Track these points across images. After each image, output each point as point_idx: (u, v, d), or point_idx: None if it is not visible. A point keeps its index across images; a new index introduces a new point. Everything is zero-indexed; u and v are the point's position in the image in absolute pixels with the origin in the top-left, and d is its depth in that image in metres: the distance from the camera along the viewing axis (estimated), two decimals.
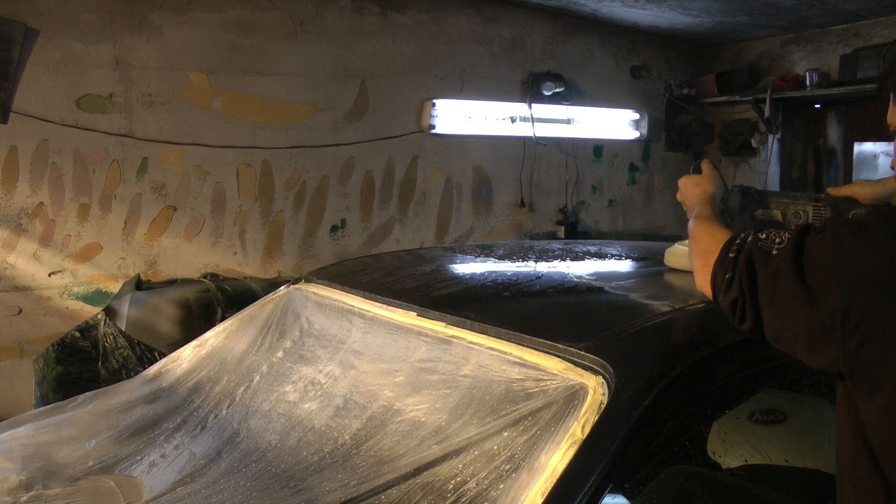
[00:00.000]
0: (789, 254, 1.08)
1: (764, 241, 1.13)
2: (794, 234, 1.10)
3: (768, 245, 1.12)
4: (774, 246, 1.11)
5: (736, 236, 1.20)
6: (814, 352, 1.05)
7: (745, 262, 1.13)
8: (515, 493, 1.14)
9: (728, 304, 1.15)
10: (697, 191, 1.50)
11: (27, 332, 3.71)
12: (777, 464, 1.62)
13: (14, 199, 3.63)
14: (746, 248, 1.14)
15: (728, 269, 1.15)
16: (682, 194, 1.57)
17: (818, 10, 4.63)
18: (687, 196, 1.55)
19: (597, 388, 1.22)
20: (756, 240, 1.15)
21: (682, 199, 1.58)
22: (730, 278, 1.14)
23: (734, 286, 1.14)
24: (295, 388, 1.75)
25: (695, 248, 1.31)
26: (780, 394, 1.65)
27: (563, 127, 5.11)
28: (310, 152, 4.31)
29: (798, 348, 1.07)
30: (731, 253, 1.16)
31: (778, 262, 1.09)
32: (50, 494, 1.56)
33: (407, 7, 4.54)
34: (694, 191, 1.52)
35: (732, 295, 1.14)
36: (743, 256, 1.14)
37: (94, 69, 3.72)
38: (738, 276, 1.13)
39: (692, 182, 1.54)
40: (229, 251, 4.16)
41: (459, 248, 2.54)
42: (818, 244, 1.06)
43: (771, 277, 1.09)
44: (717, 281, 1.18)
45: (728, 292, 1.15)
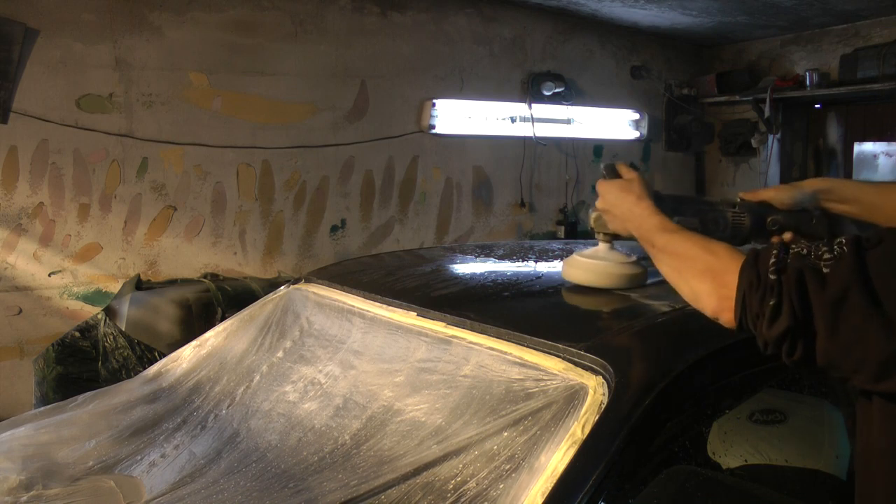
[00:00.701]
0: (853, 272, 0.94)
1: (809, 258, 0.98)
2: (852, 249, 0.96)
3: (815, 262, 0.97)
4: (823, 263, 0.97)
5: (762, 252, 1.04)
6: (883, 379, 0.94)
7: (795, 285, 0.97)
8: (515, 493, 1.14)
9: (776, 335, 0.98)
10: (630, 198, 1.32)
11: (27, 332, 3.71)
12: (777, 464, 1.62)
13: (14, 199, 3.63)
14: (793, 268, 0.98)
15: (770, 295, 0.98)
16: (607, 202, 1.38)
17: (818, 10, 4.63)
18: (614, 204, 1.37)
19: (597, 388, 1.22)
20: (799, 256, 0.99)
21: (605, 207, 1.39)
22: (775, 305, 0.98)
23: (784, 314, 0.97)
24: (295, 388, 1.75)
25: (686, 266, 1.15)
26: (780, 394, 1.65)
27: (563, 127, 5.11)
28: (310, 152, 4.31)
29: (860, 375, 0.96)
30: (772, 274, 0.99)
31: (840, 283, 0.95)
32: (50, 494, 1.56)
33: (407, 7, 4.54)
34: (624, 198, 1.33)
35: (782, 325, 0.97)
36: (790, 278, 0.98)
37: (94, 69, 3.72)
38: (787, 302, 0.97)
39: (617, 188, 1.36)
40: (229, 251, 4.16)
41: (459, 248, 2.54)
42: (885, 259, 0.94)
43: (832, 301, 0.95)
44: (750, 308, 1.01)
45: (775, 322, 0.98)
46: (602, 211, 1.41)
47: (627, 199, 1.32)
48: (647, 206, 1.29)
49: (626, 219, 1.33)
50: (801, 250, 1.00)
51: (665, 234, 1.22)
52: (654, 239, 1.24)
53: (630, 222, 1.32)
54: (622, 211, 1.34)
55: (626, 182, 1.35)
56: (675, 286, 1.18)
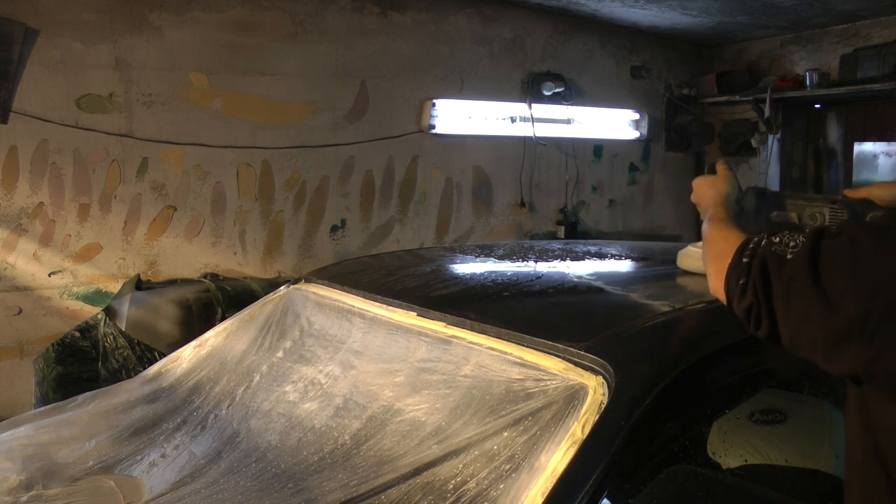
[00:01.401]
0: (804, 258, 1.05)
1: (778, 245, 1.10)
2: (809, 238, 1.06)
3: (782, 249, 1.09)
4: (789, 250, 1.08)
5: (749, 240, 1.17)
6: (832, 359, 1.02)
7: (759, 267, 1.10)
8: (515, 493, 1.14)
9: (742, 310, 1.12)
10: (711, 192, 1.46)
11: (27, 332, 3.71)
12: (777, 464, 1.62)
13: (14, 199, 3.63)
14: (760, 253, 1.11)
15: (742, 275, 1.12)
16: (697, 195, 1.53)
17: (818, 10, 4.63)
18: (701, 197, 1.51)
19: (597, 388, 1.22)
20: (770, 244, 1.11)
21: (696, 199, 1.54)
22: (743, 284, 1.12)
23: (748, 292, 1.11)
24: (295, 388, 1.75)
25: (708, 251, 1.28)
26: (780, 394, 1.64)
27: (563, 127, 5.11)
28: (310, 152, 4.31)
29: (816, 355, 1.05)
30: (745, 258, 1.13)
31: (793, 266, 1.06)
32: (50, 494, 1.56)
33: (407, 7, 4.54)
34: (708, 192, 1.47)
35: (747, 301, 1.11)
36: (757, 261, 1.11)
37: (94, 69, 3.72)
38: (752, 282, 1.10)
39: (706, 183, 1.51)
40: (229, 251, 4.16)
41: (459, 248, 2.54)
42: (835, 248, 1.03)
43: (786, 283, 1.06)
44: (730, 286, 1.15)
45: (742, 298, 1.12)
46: (694, 202, 1.54)
47: (708, 193, 1.47)
48: (717, 199, 1.42)
49: (702, 209, 1.47)
50: (776, 239, 1.11)
51: (708, 223, 1.35)
52: (704, 228, 1.37)
53: (703, 212, 1.46)
54: (704, 203, 1.47)
55: (713, 178, 1.51)
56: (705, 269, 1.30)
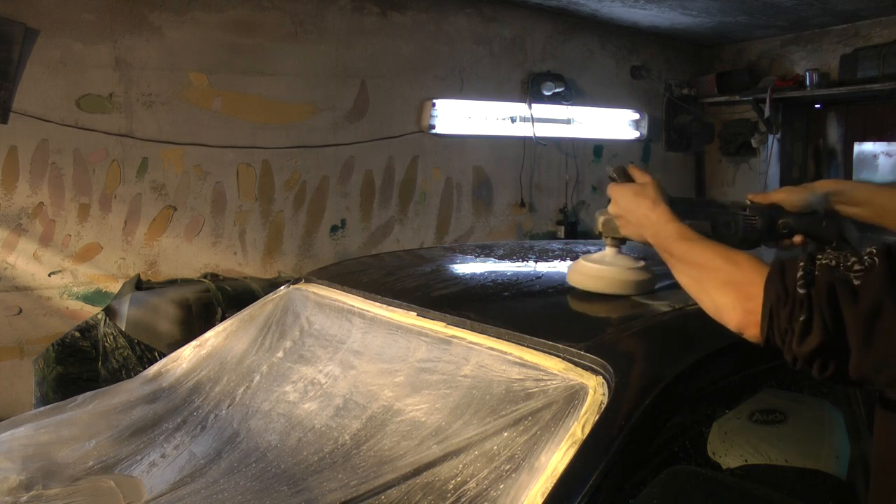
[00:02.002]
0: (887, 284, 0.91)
1: (838, 270, 0.94)
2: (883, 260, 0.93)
3: (845, 274, 0.94)
4: (853, 275, 0.93)
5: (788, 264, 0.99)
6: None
7: (826, 299, 0.93)
8: (515, 493, 1.14)
9: (808, 352, 0.95)
10: (645, 203, 1.27)
11: (27, 332, 3.71)
12: (777, 464, 1.62)
13: (14, 199, 3.63)
14: (822, 281, 0.94)
15: (800, 310, 0.95)
16: (620, 207, 1.33)
17: (818, 10, 4.63)
18: (628, 210, 1.31)
19: (597, 388, 1.22)
20: (828, 268, 0.95)
21: (618, 212, 1.34)
22: (806, 321, 0.94)
23: (815, 330, 0.94)
24: (295, 388, 1.75)
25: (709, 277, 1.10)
26: (780, 394, 1.65)
27: (563, 127, 5.11)
28: (310, 152, 4.31)
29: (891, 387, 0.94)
30: (800, 288, 0.95)
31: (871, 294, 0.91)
32: (50, 494, 1.56)
33: (407, 7, 4.54)
34: (639, 203, 1.28)
35: (814, 342, 0.94)
36: (820, 292, 0.94)
37: (94, 69, 3.72)
38: (819, 318, 0.93)
39: (631, 192, 1.31)
40: (229, 251, 4.16)
41: (459, 248, 2.54)
42: None
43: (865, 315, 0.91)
44: (779, 324, 0.98)
45: (805, 338, 0.94)
46: (615, 216, 1.36)
47: (642, 205, 1.27)
48: (664, 211, 1.24)
49: (640, 225, 1.28)
50: (829, 262, 0.96)
51: (684, 243, 1.17)
52: (671, 248, 1.19)
53: (645, 229, 1.27)
54: (637, 217, 1.29)
55: (640, 186, 1.31)
56: (696, 297, 1.14)
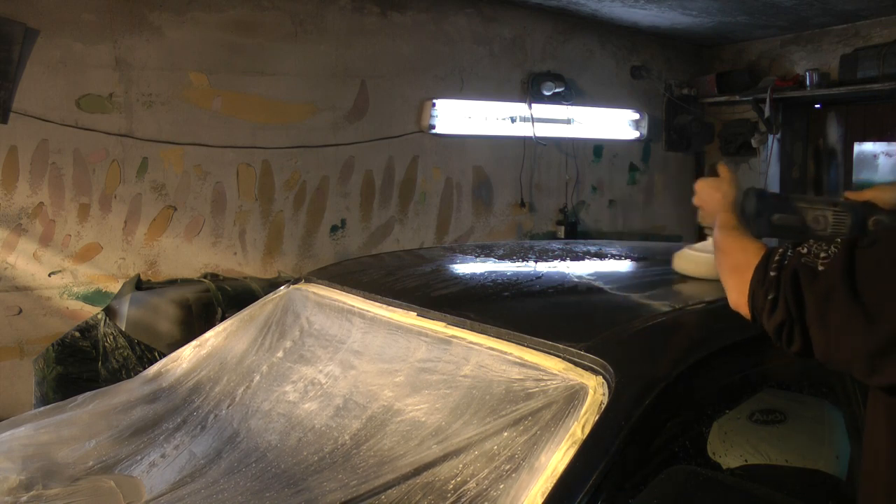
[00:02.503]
0: (840, 269, 1.00)
1: (807, 257, 1.04)
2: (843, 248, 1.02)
3: (812, 261, 1.03)
4: (819, 261, 1.03)
5: (773, 251, 1.11)
6: (874, 372, 0.99)
7: (789, 281, 1.04)
8: (515, 493, 1.14)
9: (773, 327, 1.07)
10: (717, 195, 1.43)
11: (27, 332, 3.71)
12: (777, 464, 1.62)
13: (14, 199, 3.63)
14: (789, 266, 1.06)
15: (770, 290, 1.07)
16: (701, 199, 1.50)
17: (818, 10, 4.63)
18: (705, 201, 1.48)
19: (597, 388, 1.22)
20: (798, 255, 1.06)
21: (700, 203, 1.51)
22: (773, 299, 1.06)
23: (779, 308, 1.05)
24: (295, 388, 1.75)
25: (724, 262, 1.23)
26: (780, 394, 1.65)
27: (563, 127, 5.11)
28: (310, 152, 4.31)
29: (855, 369, 1.01)
30: (772, 271, 1.07)
31: (827, 278, 1.01)
32: (50, 494, 1.56)
33: (407, 7, 4.54)
34: (713, 195, 1.44)
35: (778, 318, 1.06)
36: (786, 274, 1.05)
37: (94, 69, 3.72)
38: (782, 297, 1.05)
39: (711, 186, 1.47)
40: (229, 251, 4.16)
41: (459, 248, 2.54)
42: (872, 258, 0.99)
43: (820, 297, 1.01)
44: (757, 302, 1.10)
45: (772, 315, 1.06)
46: (697, 205, 1.51)
47: (714, 196, 1.43)
48: (726, 204, 1.38)
49: (711, 213, 1.43)
50: (802, 249, 1.06)
51: (721, 232, 1.30)
52: (715, 235, 1.32)
53: (707, 217, 1.44)
54: (710, 207, 1.44)
55: (717, 180, 1.47)
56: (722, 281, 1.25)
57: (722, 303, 1.38)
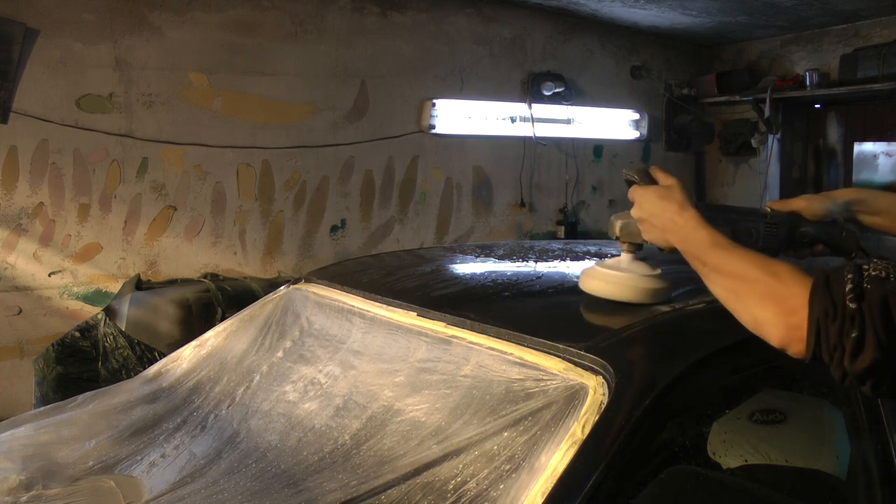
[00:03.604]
0: None
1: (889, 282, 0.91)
2: None
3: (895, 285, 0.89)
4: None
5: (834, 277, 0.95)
6: None
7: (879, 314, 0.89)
8: (515, 493, 1.14)
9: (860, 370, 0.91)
10: (672, 206, 1.21)
11: (27, 332, 3.71)
12: (777, 464, 1.62)
13: (14, 199, 3.63)
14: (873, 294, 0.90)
15: (852, 326, 0.90)
16: (644, 211, 1.26)
17: (818, 10, 4.63)
18: (653, 214, 1.24)
19: (597, 388, 1.22)
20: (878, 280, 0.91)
21: (643, 216, 1.27)
22: (858, 338, 0.90)
23: (868, 347, 0.90)
24: (295, 388, 1.75)
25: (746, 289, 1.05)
26: (780, 394, 1.65)
27: (563, 127, 5.11)
28: (310, 152, 4.31)
29: None
30: (850, 303, 0.91)
31: None
32: (50, 494, 1.56)
33: (407, 7, 4.54)
34: (665, 207, 1.22)
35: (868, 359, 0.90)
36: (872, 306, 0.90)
37: (94, 69, 3.72)
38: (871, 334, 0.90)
39: (656, 195, 1.24)
40: (229, 251, 4.16)
41: (459, 248, 2.53)
42: None
43: None
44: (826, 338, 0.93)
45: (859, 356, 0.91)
46: (638, 220, 1.29)
47: (669, 208, 1.21)
48: (692, 216, 1.18)
49: (667, 230, 1.22)
50: (879, 273, 0.92)
51: (718, 252, 1.12)
52: (704, 256, 1.13)
53: (672, 234, 1.20)
54: (663, 221, 1.22)
55: (666, 189, 1.24)
56: (733, 310, 1.08)
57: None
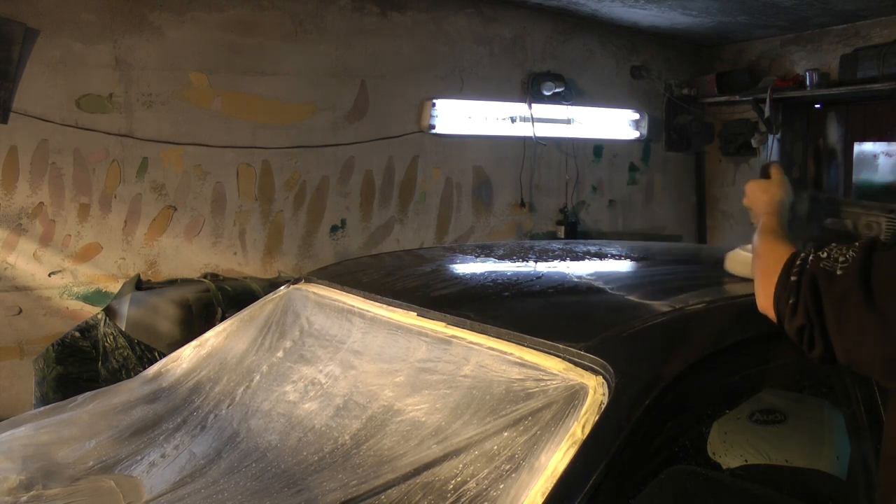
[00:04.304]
0: (856, 274, 1.00)
1: (826, 262, 1.06)
2: (860, 252, 1.02)
3: (831, 265, 1.04)
4: (839, 265, 1.04)
5: (796, 255, 1.12)
6: (892, 376, 0.99)
7: (808, 286, 1.06)
8: (515, 493, 1.14)
9: (794, 331, 1.09)
10: (765, 197, 1.43)
11: (27, 332, 3.71)
12: (777, 464, 1.62)
13: (14, 199, 3.63)
14: (808, 271, 1.07)
15: (791, 294, 1.09)
16: (750, 200, 1.50)
17: (818, 10, 4.63)
18: (754, 202, 1.48)
19: (597, 388, 1.22)
20: (818, 259, 1.07)
21: (748, 204, 1.51)
22: (793, 304, 1.08)
23: (799, 312, 1.07)
24: (295, 388, 1.75)
25: (757, 265, 1.25)
26: (780, 394, 1.65)
27: (563, 127, 5.11)
28: (310, 152, 4.31)
29: (874, 372, 1.03)
30: (793, 276, 1.09)
31: (844, 284, 1.01)
32: (50, 494, 1.56)
33: (407, 7, 4.54)
34: (761, 197, 1.44)
35: (798, 322, 1.07)
36: (805, 279, 1.07)
37: (94, 69, 3.72)
38: (802, 302, 1.07)
39: (760, 188, 1.47)
40: (229, 251, 4.16)
41: (459, 248, 2.54)
42: (889, 262, 0.99)
43: (837, 301, 1.02)
44: (780, 306, 1.12)
45: (793, 319, 1.08)
46: (746, 206, 1.51)
47: (761, 199, 1.44)
48: (770, 207, 1.39)
49: (755, 215, 1.45)
50: (822, 254, 1.07)
51: (759, 235, 1.31)
52: (755, 238, 1.33)
53: (755, 218, 1.43)
54: (757, 208, 1.45)
55: (766, 183, 1.48)
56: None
57: (722, 303, 1.39)
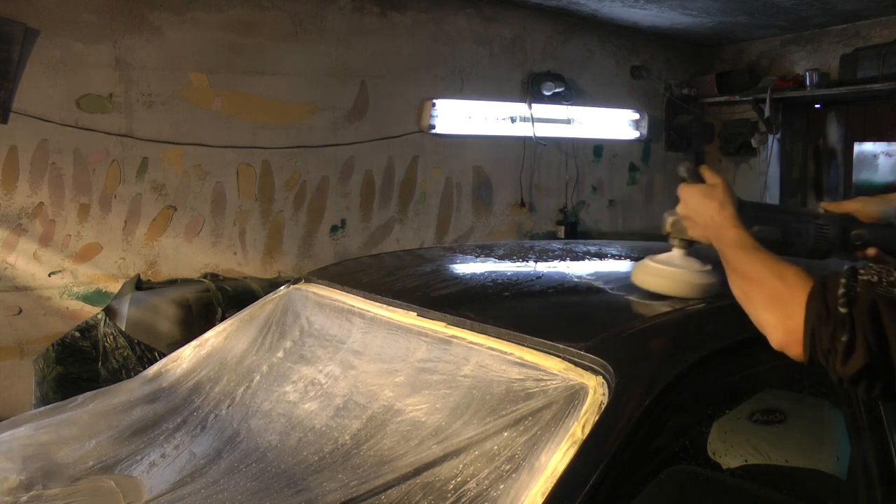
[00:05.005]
0: None
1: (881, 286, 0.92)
2: None
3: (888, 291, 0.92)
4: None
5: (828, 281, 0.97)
6: None
7: (868, 319, 0.91)
8: (515, 493, 1.14)
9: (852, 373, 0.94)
10: (713, 205, 1.25)
11: (27, 332, 3.71)
12: (777, 464, 1.62)
13: (14, 199, 3.63)
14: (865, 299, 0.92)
15: (842, 330, 0.93)
16: (688, 208, 1.31)
17: (818, 10, 4.63)
18: (696, 211, 1.29)
19: (597, 388, 1.22)
20: (869, 285, 0.93)
21: (686, 213, 1.32)
22: (848, 342, 0.93)
23: (858, 351, 0.92)
24: (295, 388, 1.75)
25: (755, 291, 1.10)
26: (780, 394, 1.65)
27: (563, 127, 5.11)
28: (310, 152, 4.31)
29: None
30: (841, 307, 0.93)
31: None
32: (50, 494, 1.56)
33: (407, 7, 4.54)
34: (707, 205, 1.26)
35: (858, 362, 0.92)
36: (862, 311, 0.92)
37: (94, 69, 3.72)
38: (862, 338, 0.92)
39: (701, 193, 1.29)
40: (229, 251, 4.16)
41: (459, 248, 2.53)
42: None
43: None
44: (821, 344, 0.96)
45: (850, 359, 0.93)
46: (682, 216, 1.34)
47: (710, 206, 1.26)
48: (729, 216, 1.23)
49: (706, 227, 1.27)
50: (870, 277, 0.94)
51: (738, 252, 1.16)
52: (728, 255, 1.19)
53: (710, 231, 1.26)
54: (704, 218, 1.27)
55: (710, 188, 1.29)
56: (746, 310, 1.13)
57: (722, 303, 1.38)
